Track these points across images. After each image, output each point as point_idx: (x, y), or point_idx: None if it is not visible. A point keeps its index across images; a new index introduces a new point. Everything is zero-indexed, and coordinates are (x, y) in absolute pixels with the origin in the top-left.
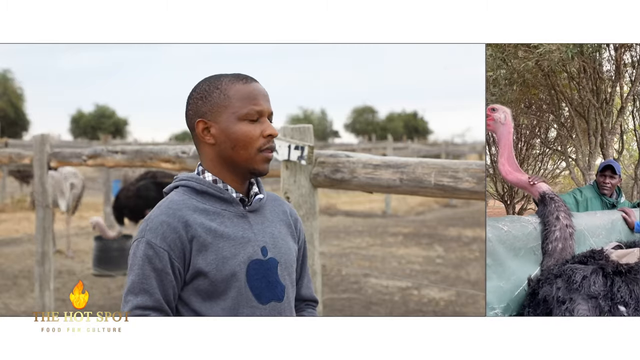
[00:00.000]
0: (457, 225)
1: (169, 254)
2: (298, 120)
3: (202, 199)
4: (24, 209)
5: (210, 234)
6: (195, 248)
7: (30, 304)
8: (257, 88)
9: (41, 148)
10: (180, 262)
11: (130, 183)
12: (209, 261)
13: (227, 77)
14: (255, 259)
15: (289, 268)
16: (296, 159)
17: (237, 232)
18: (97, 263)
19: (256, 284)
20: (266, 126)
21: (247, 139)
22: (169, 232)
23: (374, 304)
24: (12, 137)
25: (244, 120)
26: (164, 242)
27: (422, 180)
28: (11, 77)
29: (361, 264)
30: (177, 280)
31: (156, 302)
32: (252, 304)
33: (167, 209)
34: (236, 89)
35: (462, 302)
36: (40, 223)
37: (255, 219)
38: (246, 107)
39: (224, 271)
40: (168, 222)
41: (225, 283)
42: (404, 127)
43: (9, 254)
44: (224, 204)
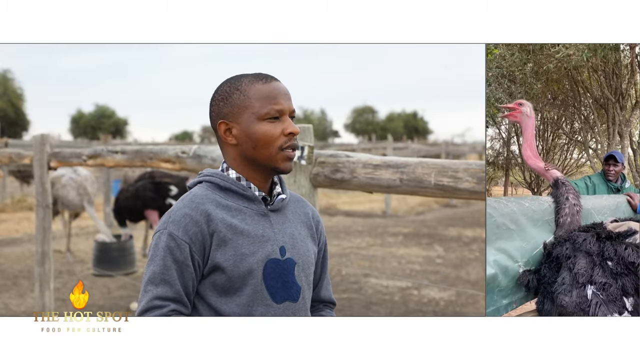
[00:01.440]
0: (457, 225)
1: (190, 247)
2: (298, 120)
3: (225, 195)
4: (24, 209)
5: (231, 230)
6: (215, 243)
7: (30, 304)
8: (277, 87)
9: (41, 148)
10: (200, 256)
11: (129, 184)
12: (227, 257)
13: (248, 77)
14: (273, 258)
15: (306, 270)
16: (296, 159)
17: (257, 230)
18: (97, 263)
19: (272, 282)
20: (287, 124)
21: (268, 138)
22: (191, 225)
23: (374, 304)
24: (12, 137)
25: (264, 120)
26: (186, 234)
27: (422, 180)
28: (11, 77)
29: (361, 264)
30: (196, 273)
31: (176, 294)
32: (266, 302)
33: (190, 202)
34: (256, 89)
35: (462, 302)
36: (40, 223)
37: (276, 219)
38: (266, 107)
39: (242, 268)
40: (191, 215)
41: (242, 280)
42: (404, 127)
43: (9, 254)
44: (246, 201)
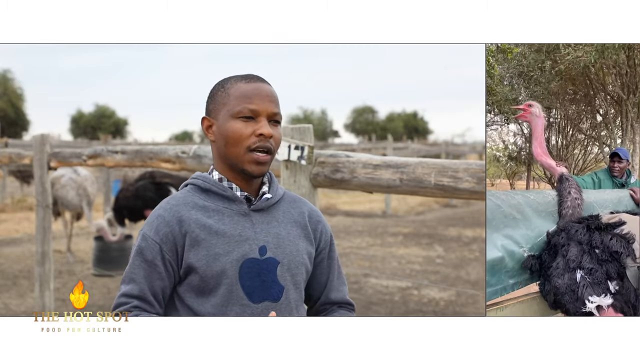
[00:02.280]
0: (457, 225)
1: (160, 247)
2: (298, 120)
3: (206, 196)
4: (24, 209)
5: (205, 230)
6: (188, 243)
7: (30, 304)
8: (258, 87)
9: (41, 148)
10: (172, 256)
11: (129, 184)
12: (200, 257)
13: (235, 77)
14: (251, 258)
15: (293, 269)
16: (296, 159)
17: (234, 230)
18: (97, 263)
19: (249, 282)
20: (259, 125)
21: (237, 136)
22: (162, 226)
23: (374, 304)
24: (12, 137)
25: (237, 118)
26: (157, 235)
27: (422, 180)
28: (11, 77)
29: (361, 264)
30: (168, 273)
31: (140, 292)
32: (242, 302)
33: (165, 204)
34: (236, 88)
35: (462, 302)
36: (40, 223)
37: (260, 218)
38: (240, 105)
39: (214, 268)
40: (163, 216)
41: (215, 280)
42: (404, 127)
43: (9, 254)
44: (227, 202)
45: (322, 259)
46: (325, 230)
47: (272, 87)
